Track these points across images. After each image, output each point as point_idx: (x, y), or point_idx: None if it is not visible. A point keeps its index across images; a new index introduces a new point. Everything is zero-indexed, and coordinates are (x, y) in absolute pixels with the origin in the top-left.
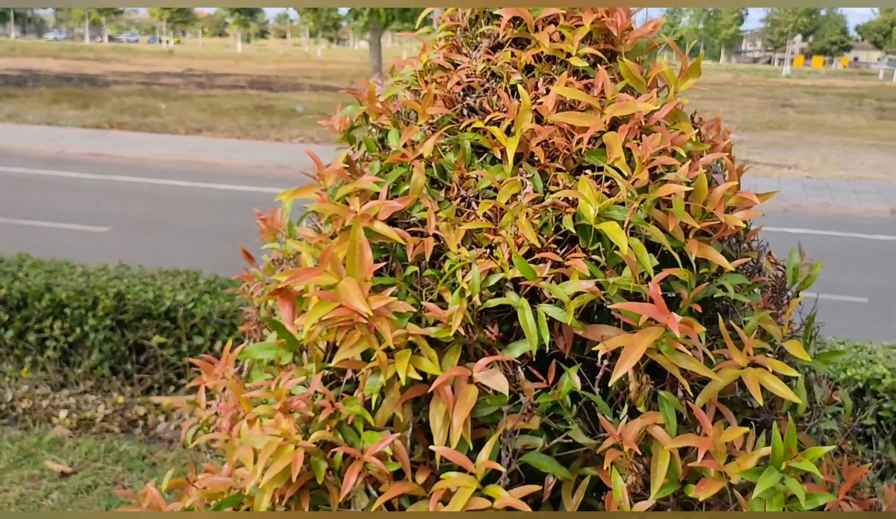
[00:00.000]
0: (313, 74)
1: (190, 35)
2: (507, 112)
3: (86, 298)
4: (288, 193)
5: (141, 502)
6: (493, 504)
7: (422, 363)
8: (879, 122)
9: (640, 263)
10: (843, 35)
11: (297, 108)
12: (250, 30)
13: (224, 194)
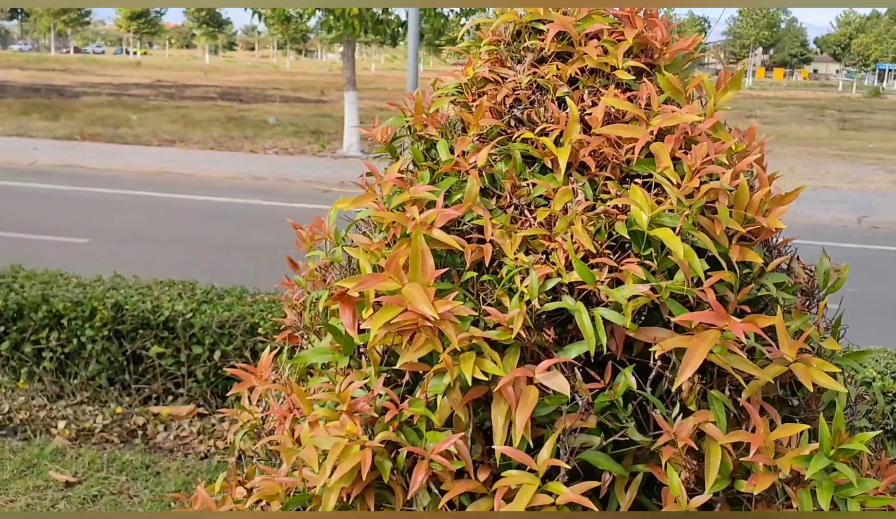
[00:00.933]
0: (283, 86)
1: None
2: (557, 123)
3: (83, 309)
4: (347, 202)
5: (193, 504)
6: (556, 500)
7: (485, 365)
8: (842, 132)
9: (691, 267)
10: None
11: (270, 119)
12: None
13: (202, 205)
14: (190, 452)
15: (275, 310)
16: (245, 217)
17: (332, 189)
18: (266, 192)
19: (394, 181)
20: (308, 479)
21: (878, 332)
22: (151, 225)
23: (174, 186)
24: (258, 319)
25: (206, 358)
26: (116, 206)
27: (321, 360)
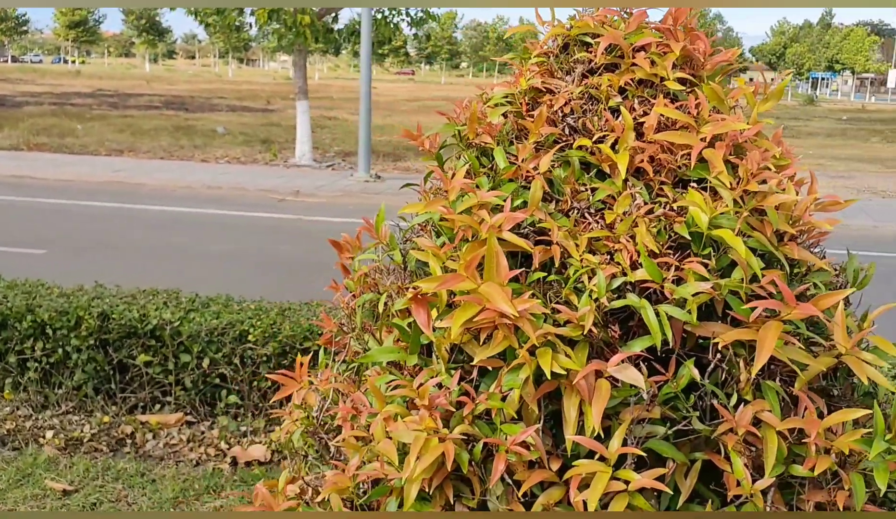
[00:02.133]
0: (228, 95)
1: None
2: (612, 131)
3: (68, 319)
4: (419, 206)
5: (255, 501)
6: (628, 487)
7: (560, 360)
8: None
9: (749, 265)
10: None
11: (219, 129)
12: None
13: (159, 215)
14: (181, 460)
15: (263, 317)
16: (203, 226)
17: (287, 198)
18: (221, 201)
19: (461, 186)
20: (386, 472)
21: None
22: (109, 235)
23: (127, 196)
24: (248, 327)
25: (195, 366)
26: (70, 216)
27: (388, 358)
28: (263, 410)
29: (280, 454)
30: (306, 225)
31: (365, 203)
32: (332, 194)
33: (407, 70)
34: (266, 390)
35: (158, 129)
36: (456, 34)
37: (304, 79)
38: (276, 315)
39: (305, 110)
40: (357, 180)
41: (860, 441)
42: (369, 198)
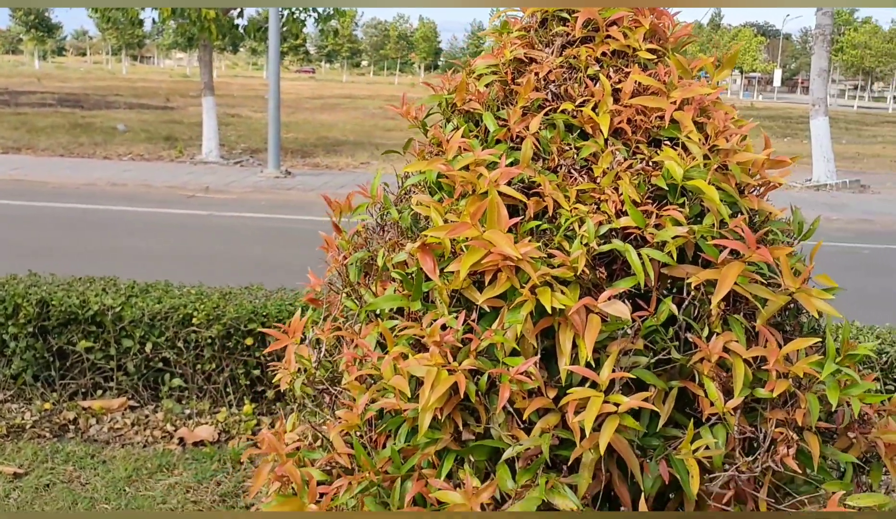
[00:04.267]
0: (124, 92)
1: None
2: (592, 96)
3: (5, 306)
4: (422, 164)
5: (261, 446)
6: (618, 409)
7: (557, 297)
8: None
9: (719, 211)
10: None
11: (119, 126)
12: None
13: (66, 212)
14: (128, 443)
15: (205, 301)
16: (112, 223)
17: (197, 195)
18: (129, 198)
19: (459, 145)
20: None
21: None
22: (13, 233)
23: (29, 194)
24: (191, 310)
25: (137, 351)
26: None
27: (392, 305)
28: (208, 392)
29: (227, 435)
30: (219, 220)
31: (277, 199)
32: (243, 190)
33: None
34: (210, 373)
35: (55, 126)
36: (356, 32)
37: (210, 74)
38: (218, 299)
39: (212, 106)
40: (267, 176)
41: (814, 363)
42: (281, 194)
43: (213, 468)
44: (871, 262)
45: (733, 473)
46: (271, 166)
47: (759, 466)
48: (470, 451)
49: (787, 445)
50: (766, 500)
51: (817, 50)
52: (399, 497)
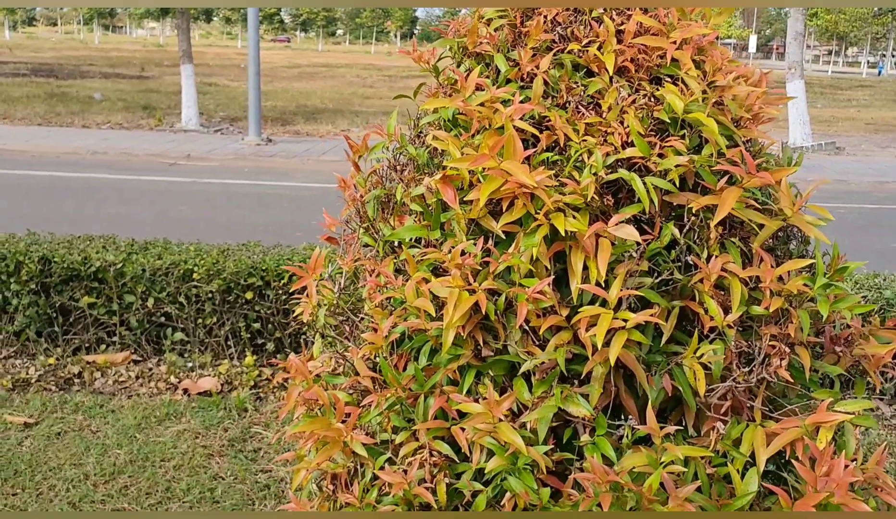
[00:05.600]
0: (97, 62)
1: None
2: (597, 37)
3: (7, 264)
4: (442, 101)
5: (289, 371)
6: (626, 324)
7: (569, 222)
8: None
9: (717, 142)
10: None
11: (95, 95)
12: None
13: (46, 180)
14: (133, 395)
15: (205, 257)
16: (94, 191)
17: (178, 162)
18: (110, 166)
19: (477, 83)
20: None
21: None
22: None
23: (9, 163)
24: (192, 266)
25: (139, 306)
26: None
27: (412, 235)
28: (209, 346)
29: (229, 385)
30: (202, 187)
31: (260, 166)
32: (225, 157)
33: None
34: (211, 327)
35: (30, 96)
36: None
37: (188, 42)
38: (217, 254)
39: (190, 74)
40: (248, 144)
41: (805, 278)
42: (263, 160)
43: (220, 416)
44: (847, 221)
45: (731, 385)
46: (252, 134)
47: (755, 378)
48: (489, 366)
49: (781, 358)
50: (761, 409)
51: (793, 14)
52: (423, 412)
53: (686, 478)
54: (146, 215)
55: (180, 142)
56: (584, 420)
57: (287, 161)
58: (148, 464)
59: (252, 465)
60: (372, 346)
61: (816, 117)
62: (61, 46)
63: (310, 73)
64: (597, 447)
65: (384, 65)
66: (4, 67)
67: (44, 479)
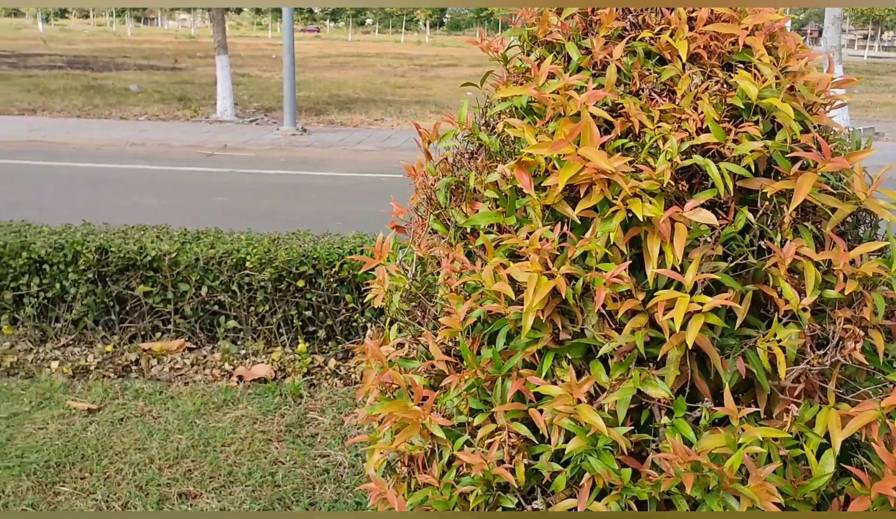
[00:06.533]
0: (131, 54)
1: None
2: (670, 24)
3: (65, 254)
4: (516, 89)
5: (365, 355)
6: (703, 308)
7: (646, 207)
8: None
9: (791, 128)
10: None
11: (131, 87)
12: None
13: (88, 172)
14: (189, 381)
15: (256, 245)
16: (135, 182)
17: (215, 153)
18: (148, 157)
19: (549, 71)
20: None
21: None
22: (42, 193)
23: (50, 155)
24: (244, 254)
25: (193, 294)
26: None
27: (488, 221)
28: (262, 333)
29: (283, 372)
30: (239, 177)
31: (296, 156)
32: (261, 148)
33: (312, 27)
34: (264, 314)
35: (67, 88)
36: None
37: (223, 33)
38: (268, 243)
39: (225, 65)
40: (284, 134)
41: (879, 261)
42: (299, 150)
43: (276, 402)
44: None
45: (805, 367)
46: (287, 124)
47: (829, 361)
48: (567, 349)
49: (855, 341)
50: (836, 391)
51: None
52: (501, 394)
53: (760, 459)
54: (186, 206)
55: (216, 132)
56: (659, 402)
57: (322, 151)
58: (209, 449)
59: (310, 450)
60: (449, 330)
61: (854, 103)
62: (94, 39)
63: (341, 63)
64: (676, 429)
65: (414, 54)
66: (40, 60)
67: (110, 463)
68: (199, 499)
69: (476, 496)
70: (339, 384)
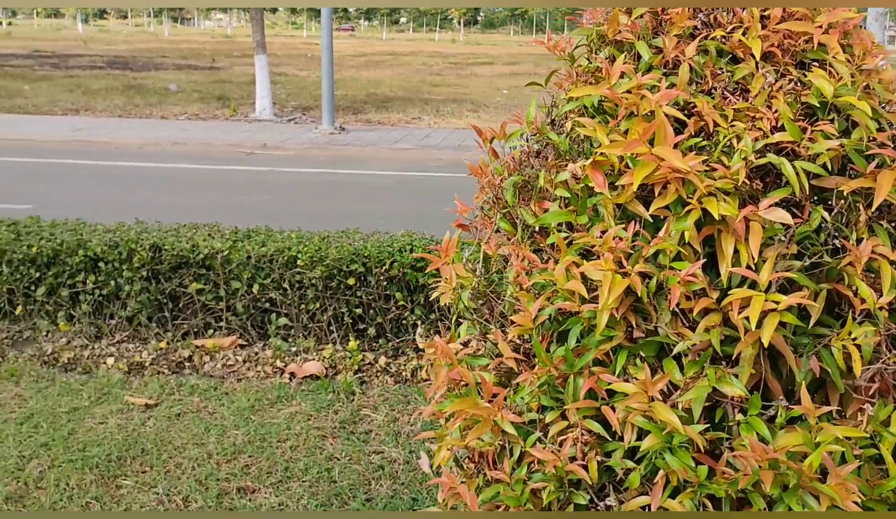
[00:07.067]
0: (169, 54)
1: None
2: (742, 22)
3: (120, 252)
4: (589, 89)
5: (435, 352)
6: (778, 306)
7: (722, 206)
8: None
9: (867, 126)
10: None
11: (171, 86)
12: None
13: (131, 171)
14: (242, 378)
15: (307, 244)
16: (177, 181)
17: (255, 152)
18: (189, 156)
19: (622, 70)
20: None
21: None
22: (88, 192)
23: (93, 154)
24: (295, 252)
25: (245, 292)
26: (40, 174)
27: (559, 220)
28: (312, 331)
29: (334, 369)
30: (280, 176)
31: (335, 155)
32: (300, 147)
33: (346, 26)
34: (314, 312)
35: (108, 88)
36: None
37: (261, 33)
38: (319, 241)
39: (264, 65)
40: (322, 133)
41: None
42: (338, 149)
43: (329, 399)
44: None
45: (880, 366)
46: (326, 123)
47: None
48: (641, 347)
49: None
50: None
51: None
52: (573, 391)
53: (835, 458)
54: (229, 204)
55: (255, 131)
56: (732, 400)
57: (361, 150)
58: (266, 444)
59: (364, 446)
60: (520, 327)
61: None
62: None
63: (376, 62)
64: (751, 426)
65: (449, 52)
66: (81, 60)
67: (170, 457)
68: (257, 494)
69: (549, 493)
70: (390, 381)
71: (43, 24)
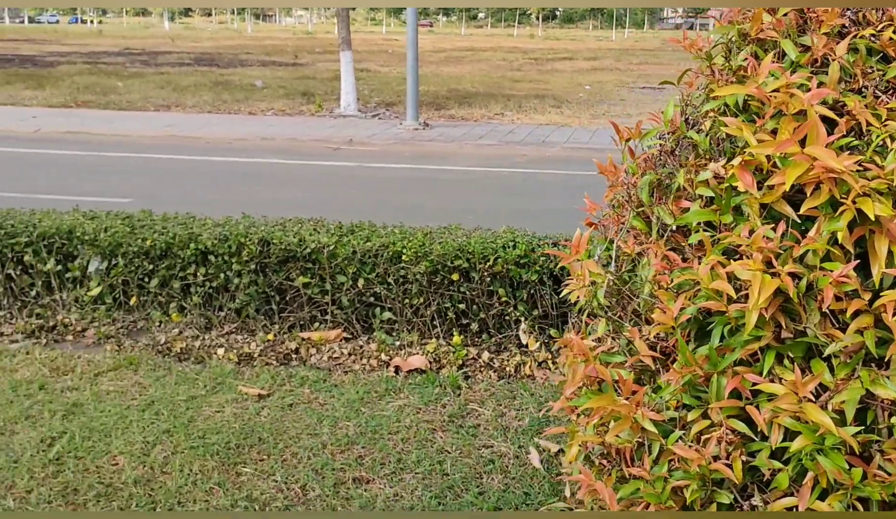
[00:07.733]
0: (253, 50)
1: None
2: (893, 21)
3: (230, 245)
4: (735, 88)
5: (571, 350)
6: None
7: (877, 207)
8: None
9: None
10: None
11: (257, 83)
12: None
13: (224, 166)
14: (349, 371)
15: (411, 239)
16: (267, 176)
17: (342, 147)
18: (279, 151)
19: (770, 68)
20: (723, 307)
21: None
22: (183, 186)
23: (186, 149)
24: (400, 248)
25: (350, 286)
26: (139, 169)
27: (703, 219)
28: (416, 325)
29: (438, 364)
30: (367, 171)
31: (420, 150)
32: (386, 142)
33: (425, 22)
34: (418, 307)
35: (197, 85)
36: None
37: (347, 29)
38: (422, 237)
39: (349, 61)
40: (407, 128)
41: None
42: (422, 145)
43: (436, 393)
44: None
45: None
46: (410, 118)
47: None
48: (789, 348)
49: None
50: None
51: None
52: (716, 391)
53: None
54: (322, 199)
55: (341, 127)
56: (883, 403)
57: (446, 145)
58: (377, 436)
59: (474, 440)
60: (661, 326)
61: None
62: (218, 36)
63: (456, 58)
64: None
65: (528, 48)
66: (169, 57)
67: (286, 447)
68: (371, 484)
69: (692, 491)
70: (494, 377)
71: (131, 22)
